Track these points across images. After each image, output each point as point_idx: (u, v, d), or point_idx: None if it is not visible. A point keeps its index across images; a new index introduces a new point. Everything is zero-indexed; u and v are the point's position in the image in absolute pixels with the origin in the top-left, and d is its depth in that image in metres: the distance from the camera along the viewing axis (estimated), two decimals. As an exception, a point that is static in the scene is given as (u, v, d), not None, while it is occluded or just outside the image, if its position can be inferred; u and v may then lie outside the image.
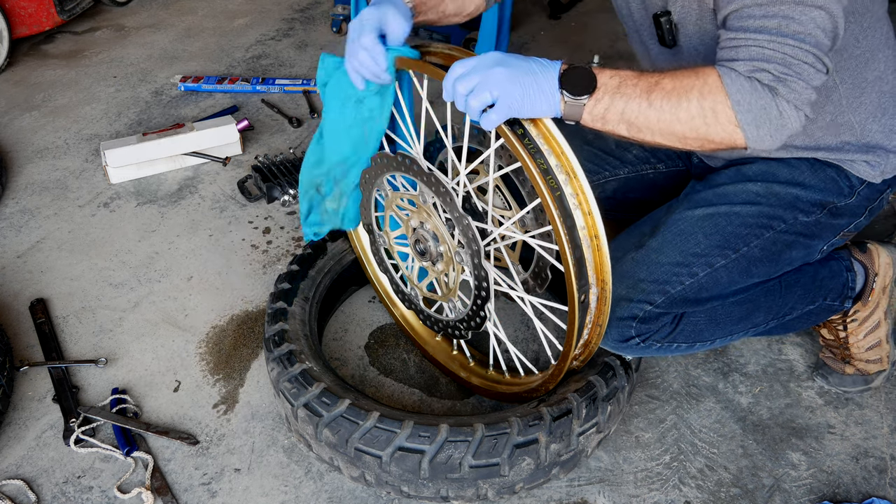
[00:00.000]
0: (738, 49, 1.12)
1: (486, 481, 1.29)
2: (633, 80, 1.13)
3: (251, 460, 1.49)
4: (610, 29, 3.36)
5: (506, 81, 1.09)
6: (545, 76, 1.11)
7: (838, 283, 1.53)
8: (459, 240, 1.34)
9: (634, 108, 1.13)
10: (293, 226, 2.15)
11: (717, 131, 1.12)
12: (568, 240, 1.12)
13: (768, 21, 1.09)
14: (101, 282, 1.95)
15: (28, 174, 2.39)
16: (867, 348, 1.58)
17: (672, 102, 1.11)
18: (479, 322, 1.42)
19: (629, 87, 1.13)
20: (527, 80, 1.10)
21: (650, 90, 1.12)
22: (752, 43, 1.11)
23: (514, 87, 1.09)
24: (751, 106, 1.10)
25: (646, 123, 1.13)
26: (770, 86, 1.10)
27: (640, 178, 1.67)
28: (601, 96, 1.12)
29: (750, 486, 1.44)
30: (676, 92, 1.12)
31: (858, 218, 1.42)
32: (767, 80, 1.10)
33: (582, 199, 1.14)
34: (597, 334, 1.28)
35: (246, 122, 2.55)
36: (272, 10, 3.59)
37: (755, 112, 1.10)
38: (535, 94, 1.11)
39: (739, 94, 1.10)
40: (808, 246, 1.41)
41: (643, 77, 1.14)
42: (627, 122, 1.14)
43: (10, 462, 1.49)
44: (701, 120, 1.12)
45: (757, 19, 1.10)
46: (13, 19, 3.03)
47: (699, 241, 1.35)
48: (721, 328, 1.42)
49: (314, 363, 1.41)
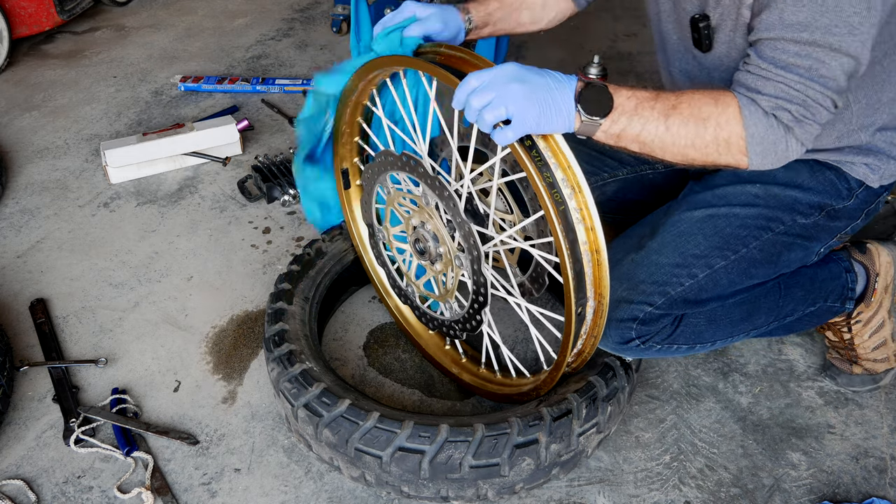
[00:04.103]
0: (766, 82, 1.14)
1: (487, 481, 1.29)
2: (650, 102, 1.14)
3: (251, 460, 1.49)
4: (610, 29, 3.36)
5: (523, 99, 1.08)
6: (562, 94, 1.11)
7: (838, 284, 1.53)
8: (460, 243, 1.34)
9: (651, 131, 1.14)
10: (293, 226, 2.15)
11: (726, 158, 1.17)
12: (569, 254, 1.12)
13: (800, 60, 1.11)
14: (101, 282, 1.95)
15: (28, 174, 2.39)
16: (873, 348, 1.58)
17: (689, 129, 1.14)
18: (475, 325, 1.42)
19: (646, 109, 1.14)
20: (544, 98, 1.10)
21: (667, 114, 1.14)
22: (780, 80, 1.13)
23: (531, 106, 1.09)
24: (763, 140, 1.15)
25: (660, 145, 1.16)
26: (787, 125, 1.14)
27: (639, 179, 1.67)
28: (617, 117, 1.13)
29: (750, 486, 1.44)
30: (694, 119, 1.14)
31: (855, 221, 1.43)
32: (786, 119, 1.14)
33: (585, 215, 1.14)
34: (591, 344, 1.28)
35: (246, 122, 2.55)
36: (272, 10, 3.59)
37: (765, 145, 1.15)
38: (551, 113, 1.10)
39: (755, 129, 1.14)
40: (807, 248, 1.42)
41: (660, 99, 1.15)
42: (641, 143, 1.16)
43: (10, 462, 1.49)
44: (714, 148, 1.16)
45: (790, 55, 1.12)
46: (13, 19, 3.03)
47: (699, 243, 1.36)
48: (721, 330, 1.42)
49: (314, 363, 1.41)
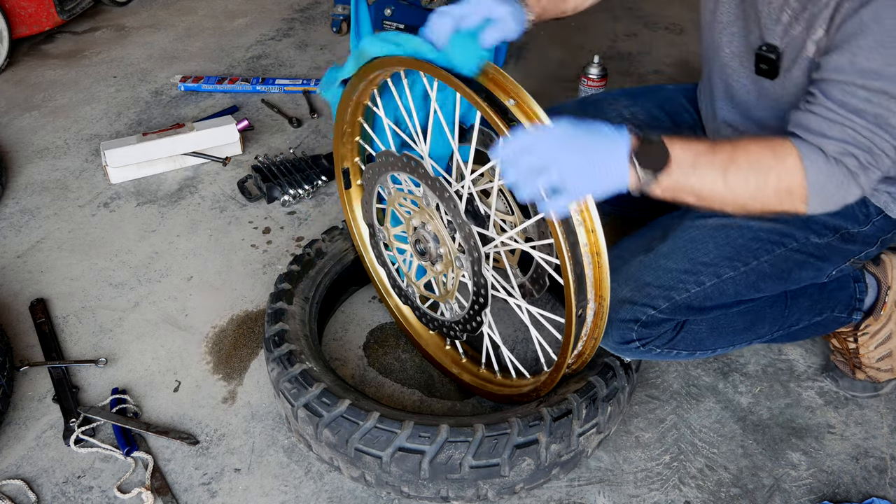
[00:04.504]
0: (832, 125, 1.12)
1: (487, 482, 1.29)
2: (706, 155, 1.12)
3: (251, 460, 1.49)
4: (610, 29, 3.36)
5: (576, 171, 1.06)
6: (616, 154, 1.09)
7: (846, 294, 1.51)
8: (460, 244, 1.34)
9: (708, 185, 1.13)
10: (293, 226, 2.15)
11: (785, 206, 1.16)
12: (570, 256, 1.12)
13: (870, 106, 1.09)
14: (101, 282, 1.95)
15: (28, 174, 2.39)
16: (878, 359, 1.56)
17: (749, 182, 1.13)
18: (475, 326, 1.42)
19: (703, 163, 1.12)
20: (599, 164, 1.07)
21: (725, 168, 1.12)
22: (848, 124, 1.11)
23: (583, 179, 1.06)
24: (825, 189, 1.13)
25: (719, 198, 1.14)
26: (852, 171, 1.12)
27: None
28: (674, 171, 1.11)
29: (750, 486, 1.44)
30: (753, 172, 1.12)
31: (870, 248, 1.41)
32: (852, 165, 1.12)
33: (586, 217, 1.14)
34: (591, 346, 1.28)
35: (246, 122, 2.55)
36: (272, 10, 3.59)
37: (826, 193, 1.14)
38: (606, 178, 1.09)
39: (816, 178, 1.12)
40: (819, 268, 1.39)
41: (717, 152, 1.13)
42: (698, 196, 1.15)
43: (10, 462, 1.48)
44: (774, 198, 1.14)
45: (860, 100, 1.10)
46: (13, 19, 3.03)
47: (709, 251, 1.34)
48: (723, 338, 1.41)
49: (314, 363, 1.41)
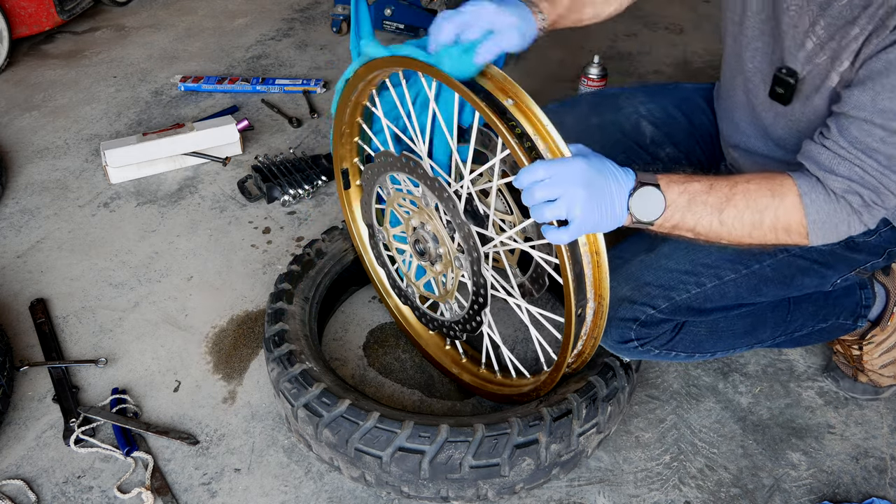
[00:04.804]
0: (842, 161, 1.12)
1: (487, 482, 1.29)
2: (702, 196, 1.13)
3: (251, 460, 1.49)
4: (609, 29, 3.36)
5: (586, 205, 1.07)
6: (620, 197, 1.10)
7: (851, 301, 1.50)
8: (459, 244, 1.34)
9: (705, 225, 1.14)
10: (293, 226, 2.15)
11: (785, 241, 1.17)
12: (569, 255, 1.12)
13: (884, 147, 1.09)
14: (101, 282, 1.95)
15: (28, 174, 2.39)
16: (881, 366, 1.55)
17: (745, 221, 1.13)
18: (475, 326, 1.42)
19: (699, 204, 1.13)
20: (605, 203, 1.09)
21: (721, 208, 1.13)
22: (857, 163, 1.11)
23: (592, 213, 1.08)
24: (825, 225, 1.13)
25: (716, 236, 1.16)
26: (856, 208, 1.12)
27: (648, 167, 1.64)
28: (670, 214, 1.13)
29: (750, 486, 1.44)
30: (750, 211, 1.13)
31: (876, 258, 1.40)
32: (856, 203, 1.12)
33: None
34: (591, 346, 1.28)
35: (246, 122, 2.55)
36: (272, 10, 3.59)
37: (827, 228, 1.14)
38: (607, 217, 1.10)
39: (816, 215, 1.13)
40: (823, 275, 1.38)
41: (713, 191, 1.13)
42: (694, 233, 1.16)
43: (10, 462, 1.48)
44: (772, 235, 1.15)
45: (875, 140, 1.09)
46: (13, 19, 3.03)
47: (711, 252, 1.34)
48: (723, 341, 1.41)
49: (314, 363, 1.41)
